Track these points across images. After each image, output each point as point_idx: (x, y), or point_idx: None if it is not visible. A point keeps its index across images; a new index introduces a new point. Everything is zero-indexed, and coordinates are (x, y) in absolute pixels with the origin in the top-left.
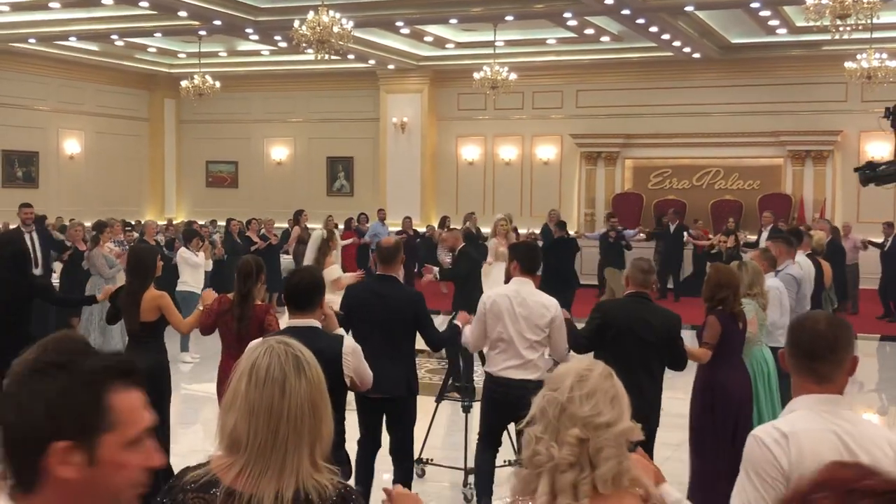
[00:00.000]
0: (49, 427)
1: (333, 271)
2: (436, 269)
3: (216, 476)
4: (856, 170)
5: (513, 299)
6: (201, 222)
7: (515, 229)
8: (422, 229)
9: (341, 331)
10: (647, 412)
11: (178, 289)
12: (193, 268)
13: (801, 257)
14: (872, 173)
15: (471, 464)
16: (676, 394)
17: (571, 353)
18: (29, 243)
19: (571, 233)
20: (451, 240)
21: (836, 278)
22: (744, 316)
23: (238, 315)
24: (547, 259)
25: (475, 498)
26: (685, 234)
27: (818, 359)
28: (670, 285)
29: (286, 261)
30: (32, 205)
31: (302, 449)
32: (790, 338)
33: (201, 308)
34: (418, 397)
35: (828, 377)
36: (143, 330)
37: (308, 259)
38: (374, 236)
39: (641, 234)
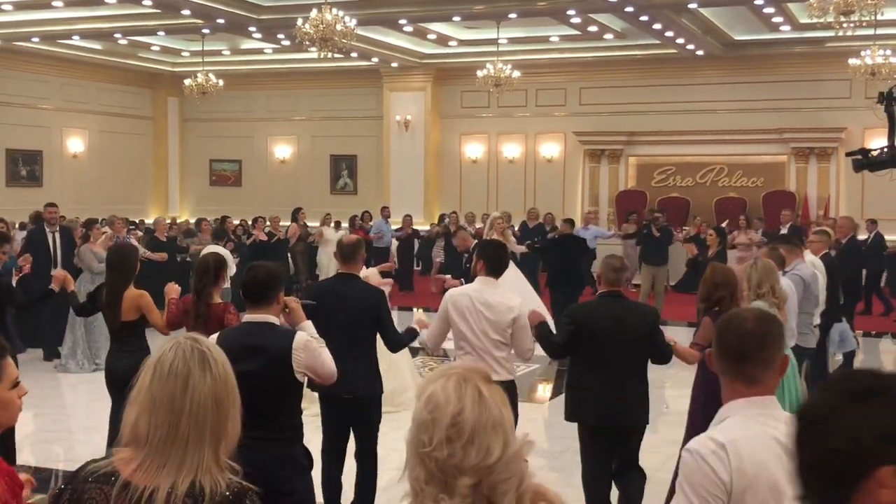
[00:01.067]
0: (882, 451)
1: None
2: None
3: (115, 468)
4: (848, 154)
5: (475, 299)
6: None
7: (512, 227)
8: (424, 228)
9: (310, 325)
10: (635, 412)
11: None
12: None
13: (811, 257)
14: (865, 160)
15: None
16: (682, 391)
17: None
18: (51, 243)
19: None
20: (461, 242)
21: (851, 277)
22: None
23: (194, 313)
24: (552, 257)
25: None
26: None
27: (746, 359)
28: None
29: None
30: (57, 204)
31: (203, 445)
32: (717, 338)
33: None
34: None
35: (757, 378)
36: (124, 329)
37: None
38: (378, 234)
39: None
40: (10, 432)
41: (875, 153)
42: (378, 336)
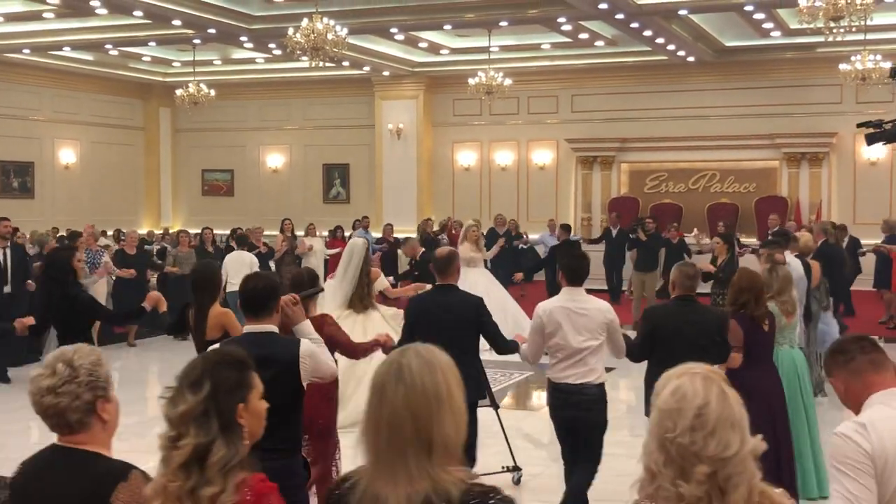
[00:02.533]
0: None
1: (382, 282)
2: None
3: (359, 479)
4: (859, 125)
5: (569, 309)
6: (194, 231)
7: (483, 235)
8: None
9: (308, 324)
10: None
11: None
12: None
13: (790, 258)
14: (880, 133)
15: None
16: None
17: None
18: (0, 258)
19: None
20: (409, 249)
21: (835, 280)
22: (772, 318)
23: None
24: (552, 263)
25: None
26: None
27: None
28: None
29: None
30: (9, 218)
31: (408, 456)
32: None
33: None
34: None
35: (883, 364)
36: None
37: (344, 270)
38: None
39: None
40: None
41: (888, 126)
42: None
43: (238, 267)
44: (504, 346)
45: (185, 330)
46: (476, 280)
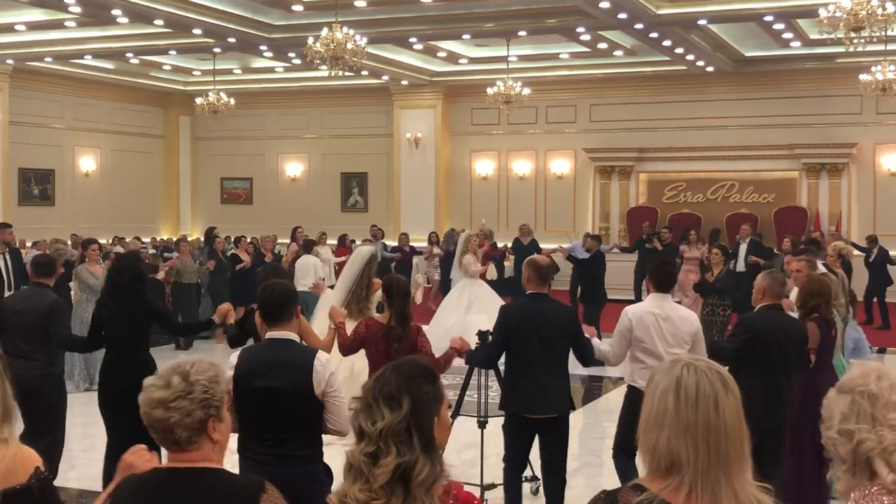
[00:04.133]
0: None
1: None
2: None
3: (665, 500)
4: None
5: (657, 315)
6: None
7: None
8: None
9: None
10: (786, 414)
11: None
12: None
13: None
14: None
15: (487, 480)
16: None
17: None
18: (1, 265)
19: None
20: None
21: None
22: (835, 324)
23: (398, 336)
24: (579, 274)
25: None
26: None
27: None
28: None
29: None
30: (11, 225)
31: (743, 466)
32: None
33: (332, 326)
34: None
35: None
36: None
37: (347, 278)
38: None
39: (616, 249)
40: None
41: None
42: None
43: (306, 270)
44: (589, 354)
45: (247, 339)
46: (480, 298)
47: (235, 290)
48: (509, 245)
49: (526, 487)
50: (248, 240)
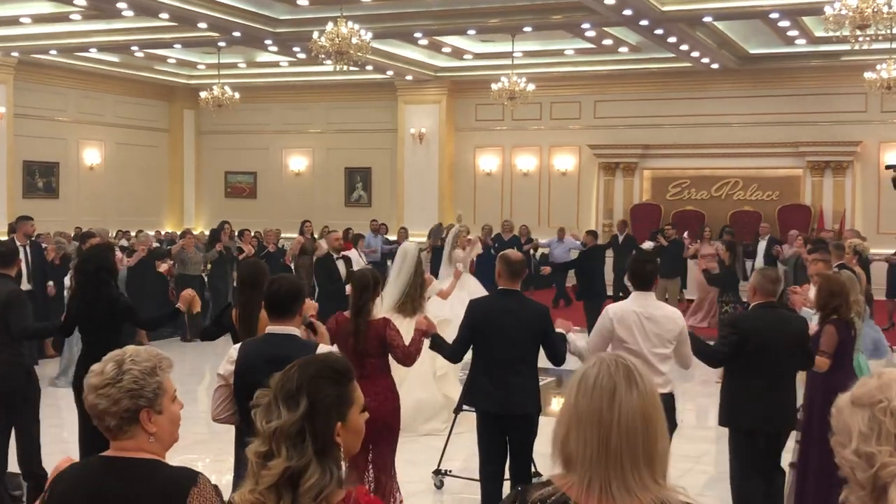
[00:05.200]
0: None
1: (434, 287)
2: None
3: (564, 493)
4: (888, 167)
5: (640, 314)
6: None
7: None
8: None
9: (329, 348)
10: (788, 415)
11: None
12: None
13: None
14: None
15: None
16: (688, 405)
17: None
18: (22, 257)
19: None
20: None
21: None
22: (854, 324)
23: (354, 330)
24: (583, 269)
25: None
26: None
27: None
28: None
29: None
30: (33, 218)
31: (639, 464)
32: None
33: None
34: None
35: None
36: None
37: (397, 273)
38: (368, 249)
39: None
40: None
41: None
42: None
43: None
44: (561, 353)
45: (222, 334)
46: (474, 288)
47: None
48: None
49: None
50: (252, 233)
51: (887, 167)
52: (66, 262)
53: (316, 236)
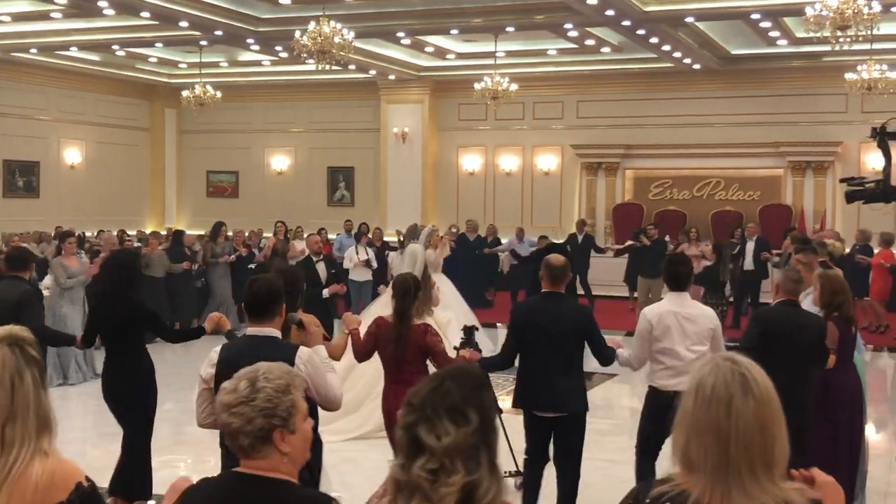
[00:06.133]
0: None
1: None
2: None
3: (684, 489)
4: (843, 180)
5: (677, 314)
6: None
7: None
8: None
9: (322, 349)
10: (805, 411)
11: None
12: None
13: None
14: (860, 191)
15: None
16: None
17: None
18: None
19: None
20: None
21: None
22: (856, 321)
23: (395, 336)
24: (536, 268)
25: None
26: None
27: None
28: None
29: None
30: None
31: (757, 471)
32: None
33: (345, 331)
34: None
35: None
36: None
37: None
38: (339, 250)
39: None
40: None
41: (870, 185)
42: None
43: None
44: (607, 355)
45: None
46: (448, 289)
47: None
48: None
49: (510, 482)
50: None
51: (841, 180)
52: (43, 264)
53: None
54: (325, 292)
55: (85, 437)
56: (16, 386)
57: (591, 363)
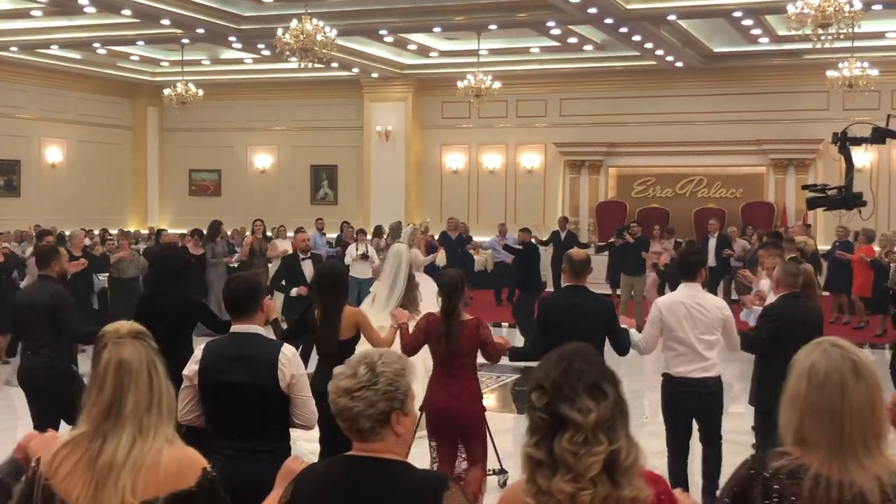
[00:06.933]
0: None
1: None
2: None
3: (803, 462)
4: (804, 188)
5: (688, 304)
6: (182, 231)
7: (433, 236)
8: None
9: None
10: None
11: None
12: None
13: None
14: (822, 198)
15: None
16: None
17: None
18: None
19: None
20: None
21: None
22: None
23: (446, 331)
24: (521, 263)
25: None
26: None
27: None
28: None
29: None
30: None
31: (870, 445)
32: None
33: (393, 326)
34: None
35: None
36: (341, 349)
37: (394, 276)
38: (314, 248)
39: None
40: None
41: (832, 192)
42: None
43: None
44: (627, 345)
45: (305, 336)
46: (431, 294)
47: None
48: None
49: (493, 480)
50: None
51: (803, 187)
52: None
53: (270, 235)
54: (293, 291)
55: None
56: (153, 377)
57: None
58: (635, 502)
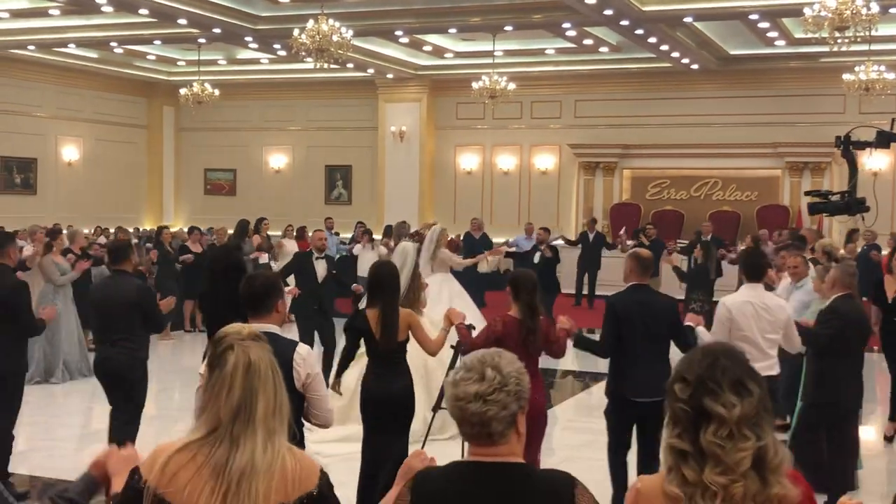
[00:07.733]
0: None
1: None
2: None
3: None
4: (807, 193)
5: (755, 304)
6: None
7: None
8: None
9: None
10: (861, 395)
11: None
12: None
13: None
14: (823, 204)
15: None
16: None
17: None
18: None
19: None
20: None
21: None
22: None
23: (531, 329)
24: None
25: None
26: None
27: None
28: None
29: None
30: None
31: None
32: None
33: (444, 328)
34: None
35: None
36: (399, 350)
37: (403, 277)
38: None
39: (561, 240)
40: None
41: (835, 198)
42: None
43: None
44: (690, 343)
45: (360, 337)
46: (461, 294)
47: (187, 283)
48: (461, 236)
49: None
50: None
51: (806, 193)
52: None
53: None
54: (353, 286)
55: (81, 435)
56: (276, 380)
57: (593, 362)
58: (784, 501)
